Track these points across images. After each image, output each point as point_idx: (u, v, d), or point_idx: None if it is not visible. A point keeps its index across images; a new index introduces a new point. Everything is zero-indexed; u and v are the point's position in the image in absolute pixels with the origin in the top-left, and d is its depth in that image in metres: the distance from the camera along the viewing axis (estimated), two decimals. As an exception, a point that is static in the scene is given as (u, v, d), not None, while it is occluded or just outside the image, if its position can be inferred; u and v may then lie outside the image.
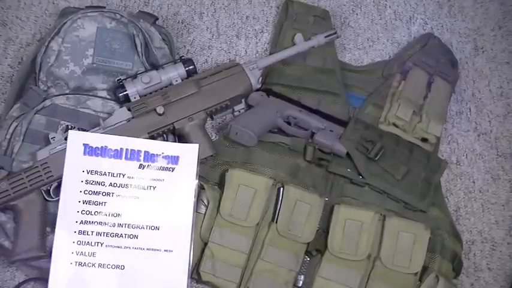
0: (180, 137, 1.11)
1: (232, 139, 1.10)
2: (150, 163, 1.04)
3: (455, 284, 1.06)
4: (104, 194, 1.02)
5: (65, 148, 1.02)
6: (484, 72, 1.29)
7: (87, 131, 1.05)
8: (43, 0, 1.27)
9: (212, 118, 1.16)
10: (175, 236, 1.01)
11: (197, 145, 1.06)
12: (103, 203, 1.01)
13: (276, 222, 1.03)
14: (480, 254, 1.14)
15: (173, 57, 1.17)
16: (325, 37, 1.18)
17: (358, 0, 1.34)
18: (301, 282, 1.03)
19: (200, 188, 1.06)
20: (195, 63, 1.12)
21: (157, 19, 1.19)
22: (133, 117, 1.07)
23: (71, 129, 1.06)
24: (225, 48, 1.27)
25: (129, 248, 1.00)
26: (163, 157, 1.04)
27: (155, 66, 1.12)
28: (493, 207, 1.17)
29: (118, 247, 1.00)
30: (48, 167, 1.02)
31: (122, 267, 0.99)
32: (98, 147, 1.03)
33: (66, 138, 1.03)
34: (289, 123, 1.13)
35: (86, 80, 1.10)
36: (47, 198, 1.03)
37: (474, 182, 1.19)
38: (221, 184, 1.06)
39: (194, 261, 1.02)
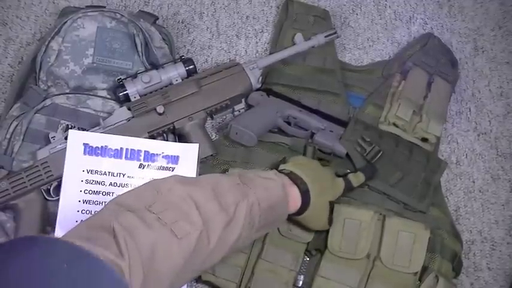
0: (180, 137, 1.11)
1: (232, 139, 1.10)
2: (150, 163, 1.04)
3: (455, 283, 1.06)
4: (104, 193, 1.02)
5: (65, 147, 1.02)
6: (484, 72, 1.29)
7: (87, 130, 1.05)
8: (43, 0, 1.27)
9: (212, 118, 1.16)
10: (175, 236, 1.01)
11: (197, 145, 1.06)
12: (103, 203, 1.01)
13: (276, 221, 1.03)
14: (480, 253, 1.13)
15: (173, 56, 1.17)
16: (325, 37, 1.19)
17: (358, 0, 1.34)
18: (301, 282, 1.03)
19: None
20: (195, 62, 1.12)
21: (157, 19, 1.19)
22: (133, 117, 1.07)
23: (71, 128, 1.06)
24: (225, 48, 1.27)
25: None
26: (163, 157, 1.05)
27: (155, 66, 1.12)
28: (493, 207, 1.17)
29: (118, 246, 1.00)
30: (48, 166, 1.02)
31: (122, 267, 0.99)
32: (98, 147, 1.03)
33: (66, 138, 1.03)
34: (289, 123, 1.13)
35: (86, 80, 1.10)
36: (47, 198, 1.03)
37: (474, 182, 1.19)
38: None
39: (194, 260, 1.02)
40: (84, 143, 1.03)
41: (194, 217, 0.75)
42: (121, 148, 1.04)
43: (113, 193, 1.02)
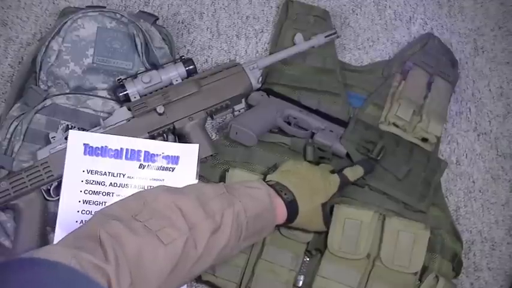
0: (180, 137, 1.11)
1: (232, 139, 1.10)
2: (150, 163, 1.04)
3: (455, 283, 1.06)
4: (104, 193, 1.02)
5: (65, 148, 1.03)
6: (484, 72, 1.29)
7: (87, 130, 1.05)
8: (43, 0, 1.27)
9: (212, 118, 1.16)
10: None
11: (197, 145, 1.06)
12: (103, 203, 1.02)
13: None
14: (480, 253, 1.14)
15: (173, 57, 1.17)
16: (325, 37, 1.19)
17: (358, 0, 1.34)
18: (301, 282, 1.03)
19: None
20: (195, 63, 1.12)
21: (157, 19, 1.19)
22: (133, 117, 1.07)
23: (71, 128, 1.06)
24: (225, 48, 1.27)
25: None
26: (163, 157, 1.05)
27: (155, 66, 1.12)
28: (493, 207, 1.17)
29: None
30: (49, 166, 1.02)
31: (122, 267, 0.99)
32: (98, 147, 1.03)
33: (66, 138, 1.03)
34: (289, 123, 1.13)
35: (86, 80, 1.10)
36: (47, 198, 1.03)
37: (474, 182, 1.19)
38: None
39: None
40: (84, 143, 1.03)
41: (180, 224, 0.77)
42: (121, 148, 1.04)
43: (113, 193, 1.02)
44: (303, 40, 1.18)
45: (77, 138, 1.03)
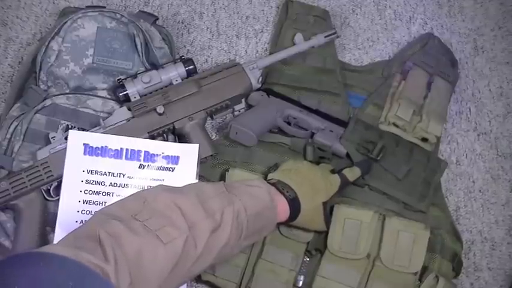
0: (180, 137, 1.11)
1: (232, 139, 1.10)
2: (150, 163, 1.04)
3: (455, 283, 1.06)
4: (104, 193, 1.02)
5: (65, 148, 1.03)
6: (484, 72, 1.29)
7: (87, 130, 1.05)
8: (43, 0, 1.27)
9: (212, 118, 1.16)
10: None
11: (197, 145, 1.06)
12: (103, 203, 1.02)
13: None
14: (480, 253, 1.14)
15: (173, 57, 1.17)
16: (325, 37, 1.18)
17: (358, 0, 1.34)
18: (301, 282, 1.03)
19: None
20: (195, 63, 1.12)
21: (157, 19, 1.19)
22: (133, 117, 1.07)
23: (71, 128, 1.06)
24: (225, 48, 1.27)
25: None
26: (163, 157, 1.05)
27: (155, 66, 1.12)
28: (493, 207, 1.17)
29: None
30: (48, 166, 1.02)
31: (122, 267, 0.99)
32: (98, 147, 1.03)
33: (66, 138, 1.03)
34: (289, 123, 1.13)
35: (86, 80, 1.10)
36: (47, 198, 1.03)
37: (474, 182, 1.19)
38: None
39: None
40: (84, 143, 1.03)
41: (180, 223, 0.77)
42: (121, 148, 1.04)
43: (113, 193, 1.02)
44: (303, 40, 1.18)
45: (77, 138, 1.03)
